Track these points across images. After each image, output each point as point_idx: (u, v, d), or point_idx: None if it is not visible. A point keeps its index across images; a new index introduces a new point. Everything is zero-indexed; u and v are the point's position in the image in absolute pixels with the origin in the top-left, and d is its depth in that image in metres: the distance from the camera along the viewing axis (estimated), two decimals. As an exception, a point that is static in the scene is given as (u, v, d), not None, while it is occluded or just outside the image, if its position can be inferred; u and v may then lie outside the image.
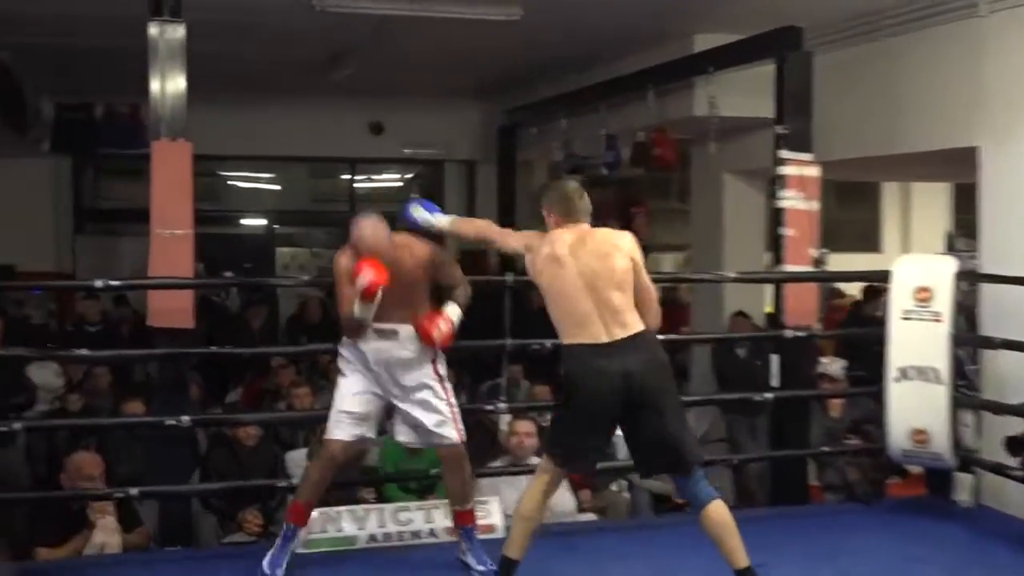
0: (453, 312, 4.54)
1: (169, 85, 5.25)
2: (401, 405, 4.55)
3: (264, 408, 7.41)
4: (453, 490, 4.70)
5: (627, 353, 4.01)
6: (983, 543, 5.23)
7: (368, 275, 4.27)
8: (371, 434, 4.63)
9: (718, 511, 4.04)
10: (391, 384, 4.53)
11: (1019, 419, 5.37)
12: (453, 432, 4.54)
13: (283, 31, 7.76)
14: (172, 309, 5.23)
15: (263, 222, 13.17)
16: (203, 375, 8.09)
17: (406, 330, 4.48)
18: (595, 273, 4.09)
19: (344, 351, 4.64)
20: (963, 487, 5.78)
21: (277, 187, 13.45)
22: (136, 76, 5.61)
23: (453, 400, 4.61)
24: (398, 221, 4.66)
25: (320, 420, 5.78)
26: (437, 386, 4.55)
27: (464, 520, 4.72)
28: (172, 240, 5.17)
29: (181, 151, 5.26)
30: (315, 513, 4.93)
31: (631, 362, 4.00)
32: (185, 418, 5.09)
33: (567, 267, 4.11)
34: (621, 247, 4.17)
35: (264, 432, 6.20)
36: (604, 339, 4.04)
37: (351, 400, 4.52)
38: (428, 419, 4.51)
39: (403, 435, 4.67)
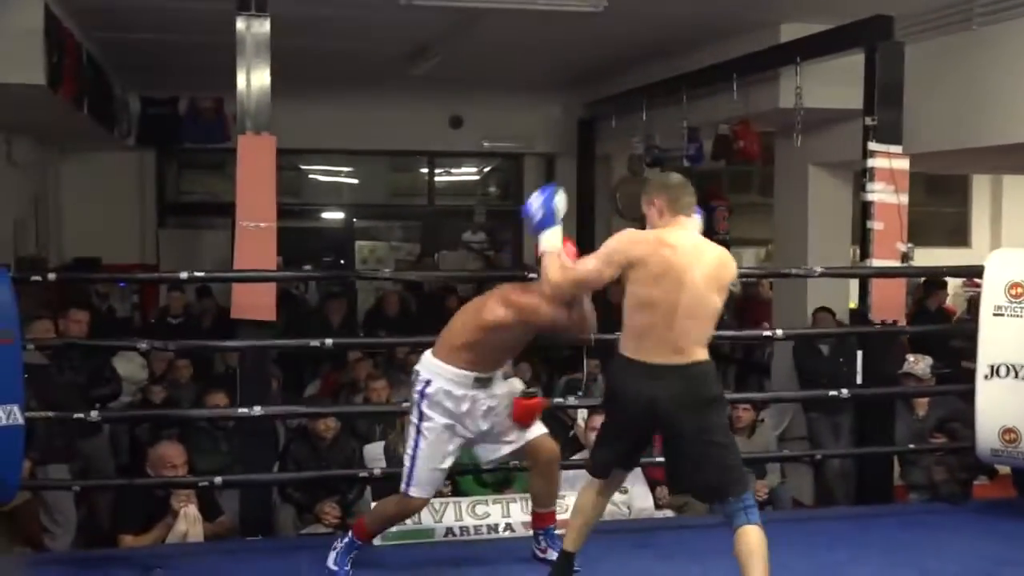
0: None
1: (255, 79, 5.30)
2: (485, 442, 4.49)
3: (341, 402, 7.46)
4: (537, 491, 4.62)
5: (667, 381, 3.87)
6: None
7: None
8: None
9: (752, 537, 3.84)
10: (472, 427, 4.39)
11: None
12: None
13: (367, 25, 7.79)
14: (255, 302, 5.28)
15: (342, 216, 13.28)
16: (282, 369, 8.17)
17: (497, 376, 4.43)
18: (699, 303, 3.90)
19: (427, 407, 4.32)
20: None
21: (356, 181, 13.55)
22: (220, 70, 5.67)
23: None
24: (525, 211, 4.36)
25: (397, 414, 5.82)
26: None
27: (545, 521, 4.64)
28: (256, 233, 5.22)
29: (265, 145, 5.31)
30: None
31: (663, 389, 3.86)
32: (258, 408, 5.11)
33: (685, 290, 3.87)
34: (725, 281, 3.99)
35: (342, 425, 6.23)
36: (655, 360, 3.90)
37: (446, 459, 4.37)
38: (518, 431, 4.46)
39: (493, 454, 4.56)
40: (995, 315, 5.43)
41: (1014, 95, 6.41)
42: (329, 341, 5.49)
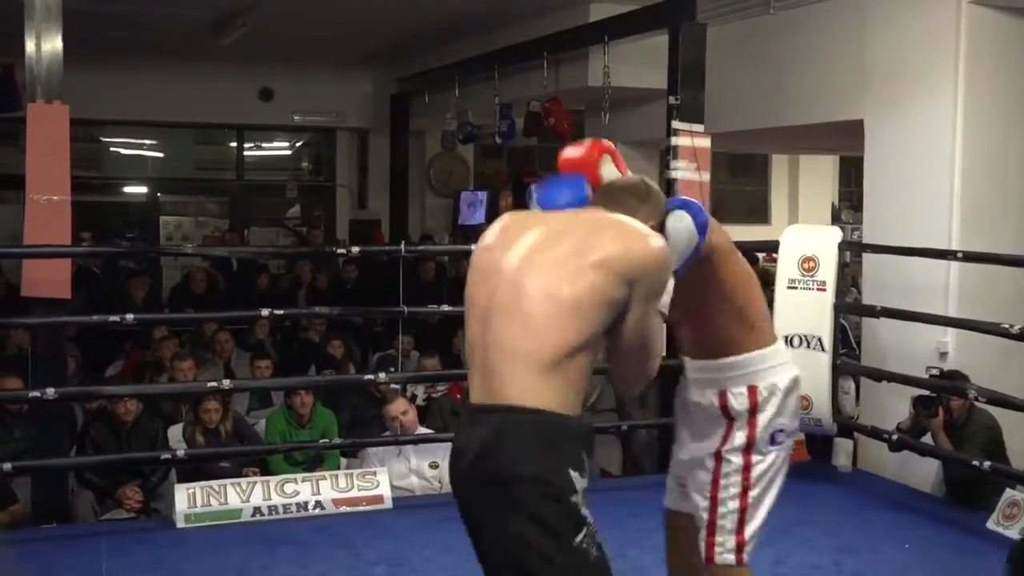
0: None
1: (45, 45, 5.02)
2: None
3: (145, 382, 7.18)
4: None
5: None
6: (859, 504, 5.40)
7: None
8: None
9: None
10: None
11: (898, 386, 5.50)
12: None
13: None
14: (48, 278, 5.02)
15: (146, 190, 12.79)
16: (81, 349, 7.82)
17: None
18: None
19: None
20: (842, 452, 5.95)
21: (161, 154, 13.06)
22: (10, 35, 5.35)
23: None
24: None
25: (204, 393, 5.67)
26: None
27: None
28: (48, 207, 4.97)
29: (57, 114, 5.04)
30: (197, 487, 4.82)
31: None
32: (51, 391, 4.85)
33: None
34: None
35: (145, 407, 6.01)
36: None
37: None
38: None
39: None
40: (789, 288, 5.69)
41: (809, 78, 6.69)
42: (130, 316, 5.30)
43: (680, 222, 2.68)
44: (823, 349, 5.53)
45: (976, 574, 4.41)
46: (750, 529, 2.99)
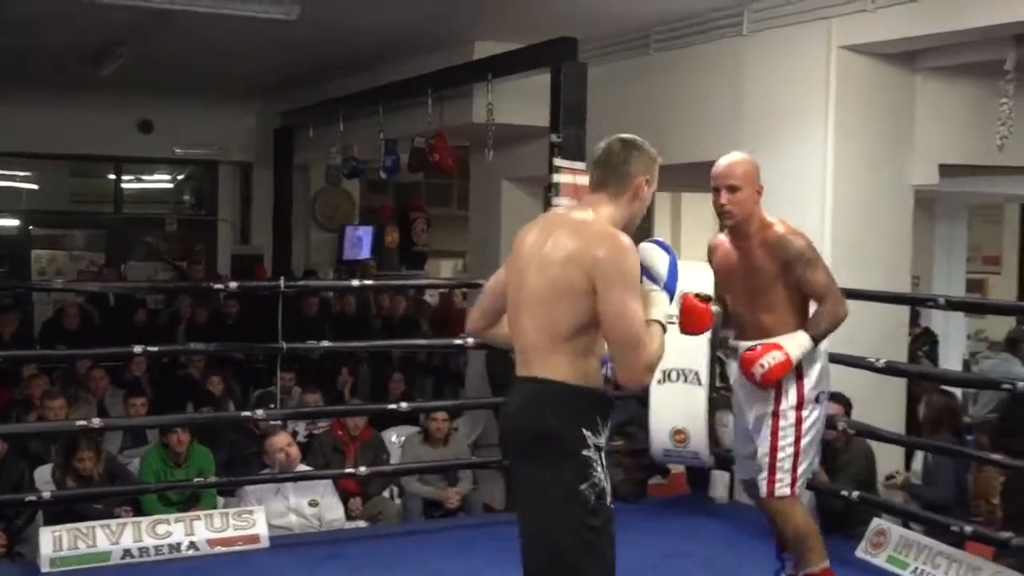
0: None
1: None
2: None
3: (12, 421, 6.92)
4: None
5: None
6: (734, 535, 5.45)
7: None
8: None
9: None
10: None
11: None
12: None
13: (39, 18, 7.30)
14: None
15: (17, 223, 12.36)
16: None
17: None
18: None
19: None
20: (719, 484, 6.05)
21: (35, 186, 12.68)
22: None
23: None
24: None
25: (74, 432, 5.48)
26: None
27: None
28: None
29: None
30: (63, 530, 4.65)
31: None
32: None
33: None
34: None
35: (11, 446, 5.79)
36: None
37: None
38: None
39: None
40: (669, 323, 5.77)
41: (687, 117, 6.84)
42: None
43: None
44: (699, 383, 5.61)
45: (846, 602, 4.51)
46: (801, 468, 3.83)
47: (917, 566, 4.72)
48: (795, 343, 3.77)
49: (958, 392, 6.97)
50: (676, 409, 5.58)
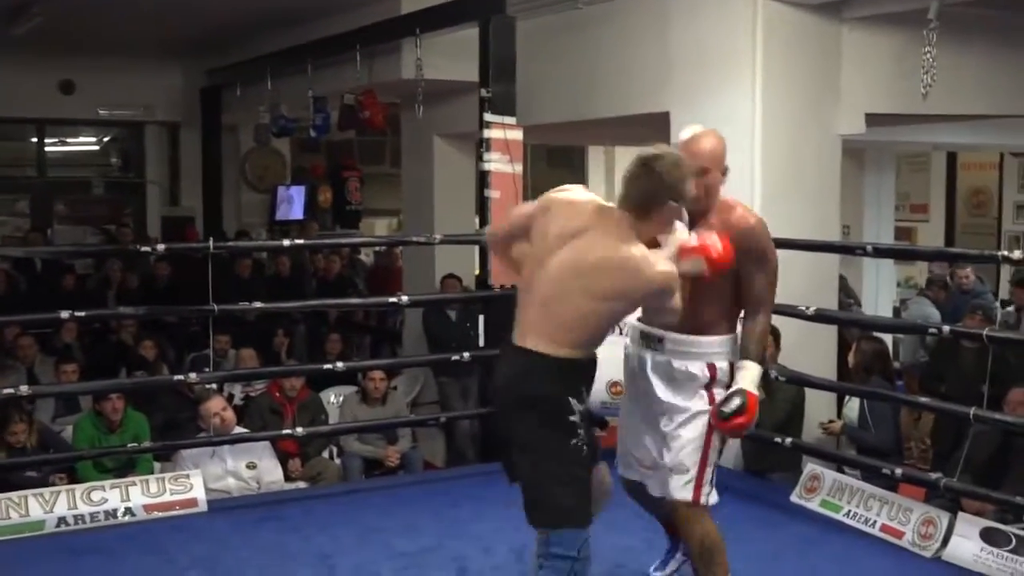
0: None
1: None
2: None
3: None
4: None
5: None
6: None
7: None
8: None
9: None
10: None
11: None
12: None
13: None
14: None
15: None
16: None
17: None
18: None
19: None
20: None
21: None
22: None
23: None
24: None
25: (5, 405, 5.39)
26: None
27: None
28: None
29: None
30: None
31: None
32: None
33: None
34: None
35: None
36: None
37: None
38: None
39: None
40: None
41: (617, 72, 6.84)
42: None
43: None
44: (635, 335, 5.67)
45: (783, 545, 4.61)
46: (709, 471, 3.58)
47: (850, 509, 4.83)
48: (752, 382, 3.48)
49: (888, 339, 7.12)
50: (612, 363, 5.61)
